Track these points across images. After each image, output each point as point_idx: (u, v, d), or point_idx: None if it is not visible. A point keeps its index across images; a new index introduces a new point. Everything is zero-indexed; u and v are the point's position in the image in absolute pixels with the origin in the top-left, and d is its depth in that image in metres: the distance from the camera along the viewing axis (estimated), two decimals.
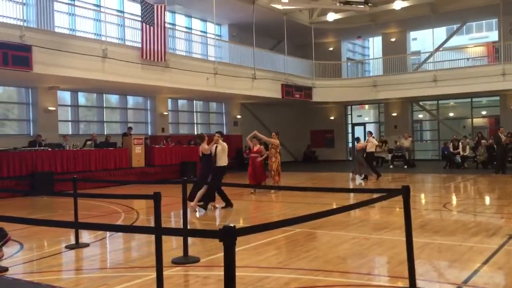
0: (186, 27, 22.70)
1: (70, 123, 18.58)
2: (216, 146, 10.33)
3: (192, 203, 9.76)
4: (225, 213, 10.29)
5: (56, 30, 15.27)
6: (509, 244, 6.37)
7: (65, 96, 18.37)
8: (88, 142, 16.82)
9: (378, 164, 22.89)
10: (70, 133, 18.07)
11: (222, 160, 10.35)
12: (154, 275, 4.53)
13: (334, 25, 25.07)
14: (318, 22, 24.70)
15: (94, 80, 15.36)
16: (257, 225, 3.12)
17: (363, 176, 16.24)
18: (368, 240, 6.93)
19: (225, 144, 10.56)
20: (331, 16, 23.45)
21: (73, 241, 7.00)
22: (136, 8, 17.96)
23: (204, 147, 10.27)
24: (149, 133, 20.96)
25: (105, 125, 19.75)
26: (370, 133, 17.67)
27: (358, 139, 17.10)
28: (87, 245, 7.04)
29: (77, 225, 6.44)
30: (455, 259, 5.74)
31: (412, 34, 28.42)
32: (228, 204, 10.39)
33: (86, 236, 7.63)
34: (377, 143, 20.05)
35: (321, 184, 15.83)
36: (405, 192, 4.49)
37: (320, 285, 4.85)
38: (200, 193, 9.99)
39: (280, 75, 22.84)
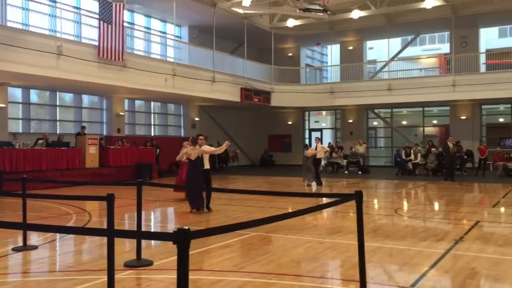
0: (145, 27, 22.39)
1: (20, 121, 17.92)
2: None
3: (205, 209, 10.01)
4: (180, 216, 10.20)
5: (9, 24, 14.73)
6: (456, 249, 6.63)
7: (16, 93, 17.71)
8: (40, 141, 16.29)
9: (334, 169, 23.33)
10: (21, 131, 17.46)
11: (208, 164, 10.45)
12: (105, 278, 4.43)
13: (294, 31, 25.39)
14: (278, 28, 24.95)
15: (48, 77, 14.88)
16: (212, 228, 3.11)
17: (308, 181, 16.25)
18: (322, 244, 7.04)
19: (319, 147, 10.63)
20: (291, 22, 23.76)
21: (20, 243, 6.75)
22: (94, 5, 17.58)
23: (206, 149, 10.30)
24: (104, 133, 20.51)
25: (58, 124, 19.18)
26: (318, 139, 17.69)
27: (306, 146, 17.20)
28: (35, 247, 6.80)
29: (25, 227, 6.21)
30: (404, 263, 5.91)
31: (369, 43, 29.16)
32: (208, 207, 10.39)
33: (34, 238, 7.37)
34: (327, 149, 20.41)
35: (277, 188, 15.95)
36: (358, 197, 4.60)
37: None
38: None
39: (239, 79, 22.88)
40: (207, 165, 10.43)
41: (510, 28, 32.47)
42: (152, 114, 23.73)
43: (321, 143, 17.70)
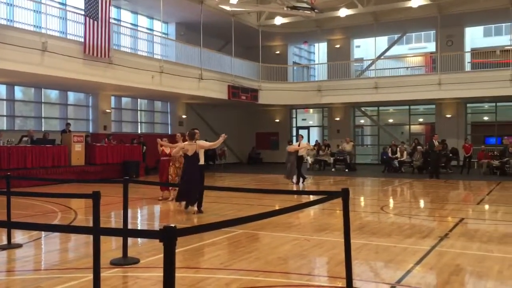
0: (132, 24, 22.22)
1: (5, 118, 17.68)
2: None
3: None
4: (166, 214, 10.16)
5: None
6: (441, 246, 6.70)
7: (0, 90, 17.48)
8: (24, 138, 16.09)
9: (321, 167, 23.42)
10: (5, 128, 17.23)
11: (202, 159, 9.99)
12: (91, 276, 4.40)
13: (281, 29, 25.41)
14: (266, 26, 24.94)
15: (32, 74, 14.71)
16: (198, 226, 3.10)
17: (294, 178, 15.99)
18: (309, 241, 7.06)
19: (303, 144, 10.23)
20: (278, 20, 23.77)
21: (5, 241, 6.67)
22: (79, 1, 17.39)
23: (204, 144, 9.89)
24: (91, 130, 20.34)
25: (43, 121, 18.97)
26: (302, 136, 17.53)
27: (290, 141, 16.85)
28: (20, 245, 6.72)
29: (9, 225, 6.14)
30: (390, 260, 5.96)
31: (356, 41, 29.28)
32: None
33: (19, 236, 7.29)
34: (310, 147, 20.29)
35: (265, 186, 15.97)
36: (344, 195, 4.63)
37: (261, 286, 4.89)
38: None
39: (227, 76, 22.84)
40: (202, 161, 9.99)
41: (495, 28, 32.85)
42: (139, 112, 23.58)
43: (303, 140, 17.48)
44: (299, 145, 16.31)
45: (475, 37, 31.25)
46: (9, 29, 14.27)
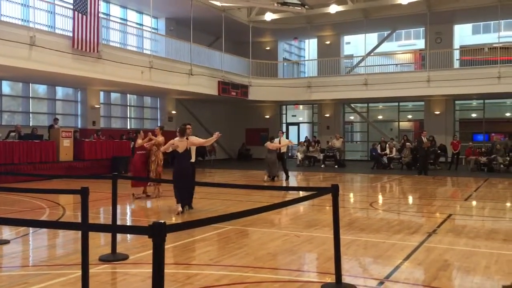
0: (121, 18, 22.05)
1: None
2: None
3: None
4: (156, 210, 10.13)
5: None
6: (429, 241, 6.76)
7: None
8: (12, 134, 15.94)
9: (310, 163, 23.48)
10: None
11: (194, 156, 9.64)
12: (79, 273, 4.37)
13: (272, 25, 25.37)
14: (256, 21, 24.90)
15: (20, 68, 14.54)
16: (188, 222, 3.10)
17: (272, 176, 15.52)
18: (299, 237, 7.08)
19: (284, 140, 9.80)
20: (268, 16, 23.74)
21: None
22: None
23: (196, 141, 9.42)
24: (79, 126, 20.18)
25: (31, 116, 18.79)
26: (282, 133, 17.28)
27: (272, 138, 16.08)
28: (7, 241, 6.66)
29: None
30: (379, 256, 6.00)
31: (346, 38, 29.34)
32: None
33: (6, 232, 7.22)
34: (292, 143, 19.75)
35: (255, 182, 15.96)
36: (334, 191, 4.65)
37: (250, 281, 4.89)
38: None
39: (217, 72, 22.78)
40: (193, 158, 9.65)
41: (483, 25, 33.10)
42: (128, 107, 23.44)
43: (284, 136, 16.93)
44: (279, 142, 15.91)
45: (463, 34, 31.48)
46: None
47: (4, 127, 16.75)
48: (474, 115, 26.33)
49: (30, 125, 18.02)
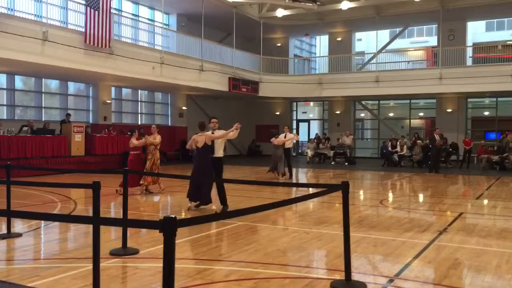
0: (133, 14, 22.13)
1: (5, 107, 17.66)
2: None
3: (207, 206, 8.79)
4: (166, 205, 10.17)
5: None
6: (439, 240, 6.72)
7: (0, 79, 17.44)
8: (24, 128, 16.10)
9: (321, 160, 23.43)
10: (5, 118, 17.21)
11: (221, 151, 9.24)
12: (90, 266, 4.41)
13: (283, 21, 25.30)
14: (267, 18, 24.84)
15: (33, 63, 14.66)
16: (198, 217, 3.11)
17: (272, 170, 15.37)
18: (308, 234, 7.08)
19: (289, 135, 9.50)
20: (280, 12, 23.67)
21: (4, 231, 6.69)
22: None
23: (211, 136, 9.06)
24: (91, 121, 20.32)
25: (43, 111, 18.96)
26: (288, 127, 16.99)
27: (277, 135, 15.82)
28: (19, 235, 6.74)
29: (9, 214, 6.15)
30: (388, 253, 5.98)
31: (357, 35, 29.20)
32: (225, 204, 9.11)
33: (19, 225, 7.31)
34: (297, 137, 18.78)
35: (264, 178, 15.97)
36: (344, 188, 4.63)
37: (259, 277, 4.90)
38: (214, 194, 8.85)
39: (227, 68, 22.79)
40: (219, 153, 9.16)
41: (497, 22, 32.74)
42: (139, 103, 23.55)
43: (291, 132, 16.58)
44: (285, 137, 15.61)
45: (477, 31, 31.17)
46: (10, 18, 14.20)
47: (16, 122, 16.93)
48: (486, 113, 26.08)
49: (42, 119, 18.19)
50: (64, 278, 4.80)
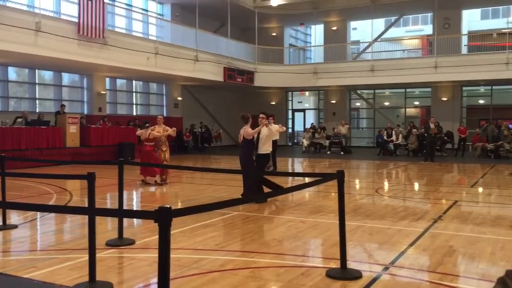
0: (126, 4, 21.94)
1: None
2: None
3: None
4: (161, 195, 10.18)
5: None
6: (434, 228, 6.76)
7: None
8: (19, 120, 16.02)
9: (316, 150, 23.46)
10: None
11: (266, 147, 9.14)
12: (86, 257, 4.41)
13: (278, 11, 25.17)
14: (262, 7, 24.70)
15: (26, 54, 14.56)
16: (193, 207, 3.11)
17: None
18: (304, 223, 7.11)
19: (274, 127, 9.69)
20: (275, 2, 23.54)
21: (0, 222, 6.67)
22: None
23: (247, 131, 8.96)
24: (85, 112, 20.24)
25: (37, 102, 18.86)
26: (272, 118, 14.98)
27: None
28: (15, 226, 6.74)
29: (4, 205, 6.13)
30: (384, 242, 6.01)
31: (353, 24, 29.09)
32: (278, 187, 8.61)
33: (14, 217, 7.30)
34: (284, 128, 17.75)
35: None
36: (339, 177, 4.64)
37: (255, 267, 4.92)
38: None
39: (222, 58, 22.69)
40: (262, 149, 9.05)
41: (492, 10, 32.69)
42: (134, 93, 23.45)
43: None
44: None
45: (472, 19, 31.13)
46: (2, 8, 14.07)
47: (11, 113, 16.83)
48: (481, 101, 26.14)
49: (37, 111, 18.10)
50: (60, 269, 4.80)
